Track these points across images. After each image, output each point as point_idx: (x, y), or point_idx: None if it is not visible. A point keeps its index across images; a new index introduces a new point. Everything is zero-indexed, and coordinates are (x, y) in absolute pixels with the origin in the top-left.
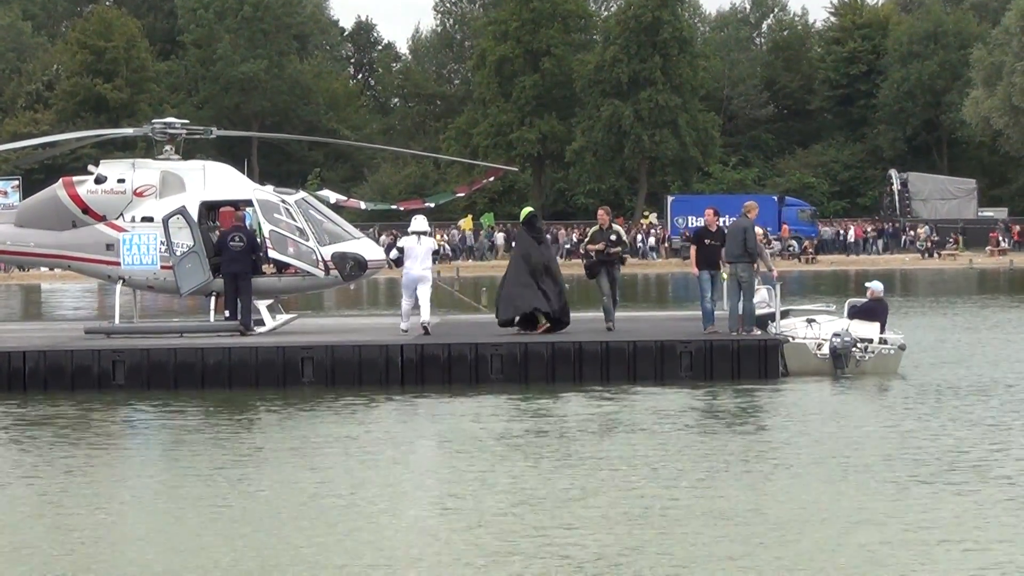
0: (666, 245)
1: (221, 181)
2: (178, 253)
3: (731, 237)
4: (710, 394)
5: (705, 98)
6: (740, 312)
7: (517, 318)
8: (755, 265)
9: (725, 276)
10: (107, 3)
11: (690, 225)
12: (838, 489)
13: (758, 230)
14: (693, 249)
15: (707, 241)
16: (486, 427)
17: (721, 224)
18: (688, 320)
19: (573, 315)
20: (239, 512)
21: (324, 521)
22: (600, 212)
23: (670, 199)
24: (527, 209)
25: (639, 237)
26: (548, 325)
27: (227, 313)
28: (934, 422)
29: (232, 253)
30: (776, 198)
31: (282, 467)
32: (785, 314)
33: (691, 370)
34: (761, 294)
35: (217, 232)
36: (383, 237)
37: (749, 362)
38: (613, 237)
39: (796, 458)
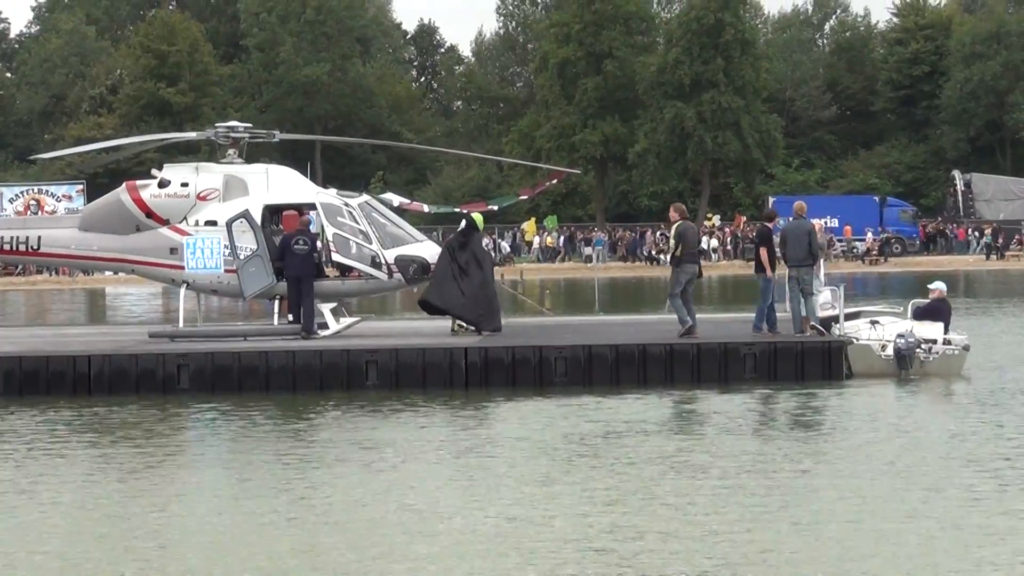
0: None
1: (284, 185)
2: (242, 257)
3: (794, 240)
4: (776, 396)
5: (767, 100)
6: (803, 314)
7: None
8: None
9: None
10: (170, 7)
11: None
12: (908, 492)
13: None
14: (764, 251)
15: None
16: (557, 430)
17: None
18: (752, 322)
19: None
20: (307, 517)
21: (396, 528)
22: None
23: (771, 199)
24: (477, 216)
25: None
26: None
27: (291, 316)
28: (999, 425)
29: (296, 257)
30: (878, 199)
31: (350, 472)
32: (856, 315)
33: (755, 372)
34: (825, 295)
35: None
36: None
37: (813, 364)
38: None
39: (868, 461)
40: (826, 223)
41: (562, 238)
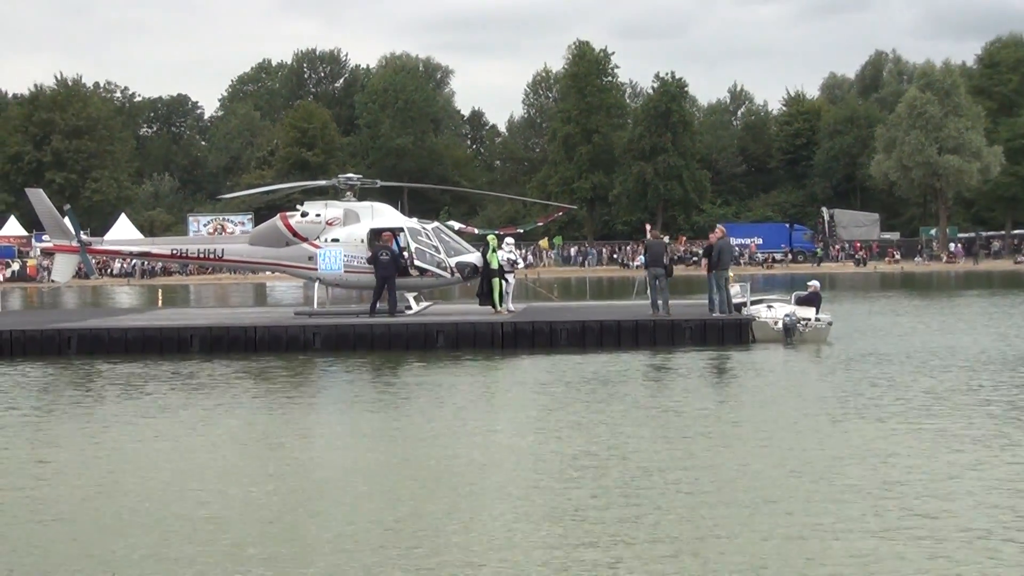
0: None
1: (384, 215)
2: (356, 264)
3: (728, 251)
4: (707, 355)
5: (700, 160)
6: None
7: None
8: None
9: (731, 274)
10: (309, 99)
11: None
12: (791, 417)
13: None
14: (705, 260)
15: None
16: (564, 376)
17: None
18: (690, 306)
19: (623, 302)
20: (401, 436)
21: (460, 443)
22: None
23: (719, 224)
24: (490, 237)
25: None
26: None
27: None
28: (849, 375)
29: (382, 262)
30: (788, 224)
31: (430, 404)
32: (759, 301)
33: (692, 339)
34: (735, 288)
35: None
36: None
37: (730, 334)
38: None
39: (763, 397)
40: (750, 242)
41: (574, 250)
